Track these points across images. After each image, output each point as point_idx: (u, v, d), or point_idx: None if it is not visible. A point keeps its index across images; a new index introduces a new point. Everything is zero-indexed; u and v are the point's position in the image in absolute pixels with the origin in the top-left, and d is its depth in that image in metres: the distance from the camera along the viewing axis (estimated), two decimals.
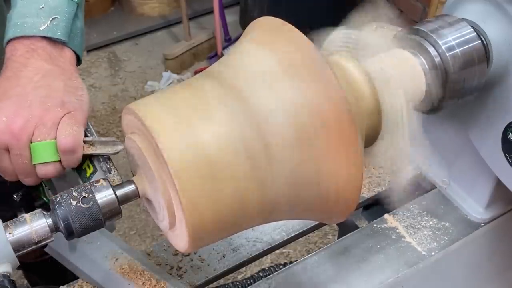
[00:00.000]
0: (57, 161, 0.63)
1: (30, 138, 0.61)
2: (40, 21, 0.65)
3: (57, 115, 0.62)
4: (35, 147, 0.61)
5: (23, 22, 0.65)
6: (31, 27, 0.65)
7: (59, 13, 0.67)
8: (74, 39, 0.69)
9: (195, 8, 3.03)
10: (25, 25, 0.65)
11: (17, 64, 0.64)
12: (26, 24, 0.65)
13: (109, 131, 2.48)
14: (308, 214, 0.62)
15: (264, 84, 0.55)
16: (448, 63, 0.66)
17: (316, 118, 0.53)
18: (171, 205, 0.55)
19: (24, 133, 0.61)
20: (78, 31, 0.70)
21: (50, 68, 0.65)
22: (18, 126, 0.60)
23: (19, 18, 0.66)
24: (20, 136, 0.61)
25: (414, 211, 0.89)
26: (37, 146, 0.61)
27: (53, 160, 0.62)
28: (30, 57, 0.64)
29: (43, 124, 0.61)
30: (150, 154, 0.55)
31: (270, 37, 0.58)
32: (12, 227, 0.56)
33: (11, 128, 0.60)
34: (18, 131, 0.60)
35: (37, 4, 0.66)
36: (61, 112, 0.62)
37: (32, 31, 0.65)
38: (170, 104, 0.55)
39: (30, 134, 0.61)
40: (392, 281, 0.80)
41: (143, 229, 2.10)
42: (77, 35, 0.69)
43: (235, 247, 0.87)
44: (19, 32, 0.65)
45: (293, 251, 1.97)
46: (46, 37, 0.65)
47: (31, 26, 0.65)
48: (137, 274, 0.77)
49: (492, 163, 0.77)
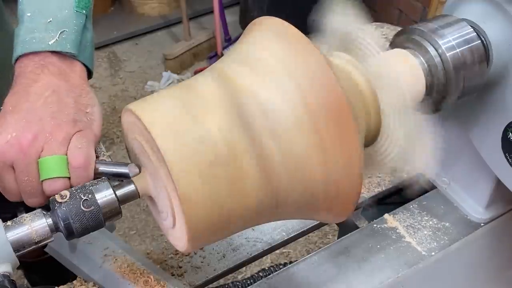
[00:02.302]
0: (67, 177, 0.59)
1: (39, 154, 0.59)
2: (48, 35, 0.64)
3: (68, 131, 0.60)
4: (45, 161, 0.58)
5: (31, 37, 0.63)
6: (40, 42, 0.63)
7: (67, 26, 0.65)
8: (84, 51, 0.67)
9: (195, 8, 3.03)
10: (34, 40, 0.63)
11: (26, 80, 0.62)
12: (34, 40, 0.63)
13: (109, 131, 2.48)
14: (308, 214, 0.62)
15: (264, 84, 0.55)
16: (448, 63, 0.66)
17: (316, 118, 0.53)
18: (172, 204, 0.55)
19: (33, 147, 0.58)
20: (88, 43, 0.68)
21: (60, 84, 0.63)
22: (27, 140, 0.58)
23: (27, 34, 0.64)
24: (29, 151, 0.58)
25: (414, 211, 0.89)
26: (47, 161, 0.58)
27: (63, 175, 0.59)
28: (41, 72, 0.62)
29: (54, 139, 0.59)
30: (151, 153, 0.55)
31: (270, 37, 0.58)
32: (12, 227, 0.56)
33: (20, 142, 0.58)
34: (27, 146, 0.58)
35: (45, 18, 0.64)
36: (73, 129, 0.60)
37: (41, 46, 0.63)
38: (169, 104, 0.55)
39: (39, 149, 0.59)
40: (392, 281, 0.80)
41: (143, 229, 2.10)
42: (87, 47, 0.68)
43: (235, 247, 0.87)
44: (28, 48, 0.63)
45: (293, 251, 1.98)
46: (56, 52, 0.63)
47: (40, 41, 0.63)
48: (137, 274, 0.77)
49: (492, 163, 0.77)
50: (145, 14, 3.09)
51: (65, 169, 0.59)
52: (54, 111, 0.60)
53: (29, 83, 0.62)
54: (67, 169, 0.59)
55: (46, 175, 0.59)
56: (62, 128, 0.60)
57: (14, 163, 0.59)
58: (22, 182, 0.59)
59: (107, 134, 2.46)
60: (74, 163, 0.59)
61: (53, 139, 0.59)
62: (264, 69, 0.55)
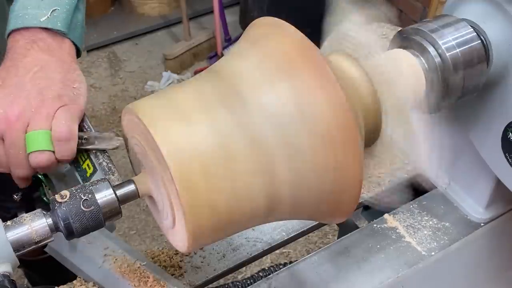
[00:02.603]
0: (51, 151, 0.63)
1: (26, 128, 0.62)
2: (41, 12, 0.66)
3: (53, 107, 0.63)
4: (30, 135, 0.62)
5: (24, 13, 0.66)
6: (32, 18, 0.66)
7: (59, 4, 0.68)
8: (74, 31, 0.70)
9: (195, 8, 3.03)
10: (26, 16, 0.66)
11: (17, 55, 0.65)
12: (27, 16, 0.66)
13: (109, 131, 2.48)
14: (308, 214, 0.62)
15: (264, 84, 0.55)
16: (448, 63, 0.66)
17: (316, 119, 0.53)
18: (172, 203, 0.55)
19: (20, 122, 0.62)
20: (79, 23, 0.71)
21: (49, 60, 0.66)
22: (14, 115, 0.62)
23: (21, 10, 0.67)
24: (16, 125, 0.62)
25: (414, 211, 0.89)
26: (32, 135, 0.62)
27: (48, 149, 0.63)
28: (30, 48, 0.65)
29: (39, 115, 0.62)
30: (152, 153, 0.55)
31: (270, 37, 0.58)
32: (12, 227, 0.56)
33: (8, 117, 0.62)
34: (14, 120, 0.61)
35: None
36: (57, 104, 0.63)
37: (33, 22, 0.66)
38: (169, 104, 0.55)
39: (26, 123, 0.62)
40: (392, 281, 0.80)
41: (143, 229, 2.10)
42: (77, 27, 0.70)
43: (235, 247, 0.87)
44: (20, 23, 0.66)
45: (293, 251, 1.98)
46: (47, 28, 0.66)
47: (32, 17, 0.66)
48: (136, 274, 0.77)
49: (492, 163, 0.77)
50: (145, 14, 3.09)
51: (49, 143, 0.63)
52: (41, 87, 0.63)
53: (19, 57, 0.65)
54: (51, 143, 0.63)
55: (32, 148, 0.62)
56: (47, 103, 0.63)
57: (3, 136, 0.62)
58: (10, 154, 0.63)
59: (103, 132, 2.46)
60: (57, 136, 0.62)
61: (38, 114, 0.62)
62: (264, 70, 0.55)
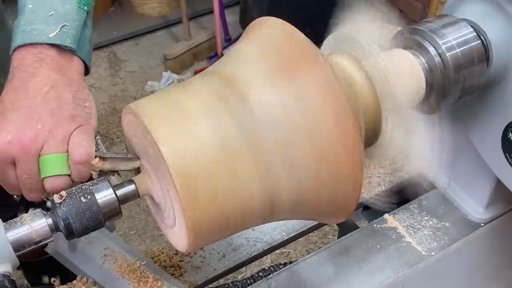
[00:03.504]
0: (68, 174, 0.60)
1: (39, 152, 0.59)
2: (49, 28, 0.63)
3: (67, 128, 0.60)
4: (45, 160, 0.59)
5: (31, 29, 0.63)
6: (40, 34, 0.63)
7: (68, 20, 0.65)
8: (83, 48, 0.67)
9: (195, 8, 3.03)
10: (34, 32, 0.63)
11: (24, 74, 0.62)
12: (35, 31, 0.63)
13: (109, 131, 2.48)
14: (308, 214, 0.62)
15: (264, 84, 0.55)
16: (448, 63, 0.66)
17: (316, 119, 0.53)
18: (172, 203, 0.55)
19: (34, 145, 0.59)
20: (87, 39, 0.68)
21: (58, 78, 0.62)
22: (28, 138, 0.58)
23: (27, 25, 0.64)
24: (30, 149, 0.58)
25: (414, 211, 0.89)
26: (47, 159, 0.59)
27: (64, 173, 0.60)
28: (39, 66, 0.62)
29: (54, 137, 0.59)
30: (152, 153, 0.55)
31: (270, 37, 0.58)
32: (12, 227, 0.56)
33: (21, 140, 0.58)
34: (28, 144, 0.58)
35: (46, 11, 0.64)
36: (72, 126, 0.61)
37: (41, 38, 0.63)
38: (169, 104, 0.55)
39: (40, 147, 0.59)
40: (392, 281, 0.80)
41: (143, 229, 2.10)
42: (85, 44, 0.68)
43: (235, 247, 0.87)
44: (28, 39, 0.63)
45: (293, 251, 1.97)
46: (55, 45, 0.63)
47: (40, 33, 0.63)
48: (136, 274, 0.77)
49: (492, 163, 0.77)
50: (145, 14, 3.09)
51: (65, 167, 0.60)
52: (53, 108, 0.61)
53: (27, 77, 0.62)
54: (67, 167, 0.60)
55: (47, 173, 0.59)
56: (62, 125, 0.60)
57: (15, 160, 0.59)
58: (22, 178, 0.60)
59: (107, 134, 2.46)
60: (76, 159, 0.60)
61: (53, 137, 0.59)
62: (264, 71, 0.55)
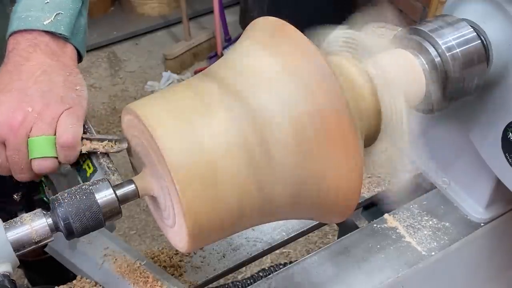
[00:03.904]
0: (55, 156, 0.62)
1: (28, 133, 0.61)
2: (44, 15, 0.65)
3: (56, 111, 0.62)
4: (33, 141, 0.61)
5: (27, 15, 0.65)
6: (35, 21, 0.65)
7: (63, 8, 0.67)
8: (76, 36, 0.69)
9: (195, 8, 3.03)
10: (30, 18, 0.65)
11: (19, 58, 0.64)
12: (30, 18, 0.65)
13: (109, 131, 2.48)
14: (308, 214, 0.62)
15: (264, 85, 0.55)
16: (448, 63, 0.66)
17: (316, 119, 0.53)
18: (172, 203, 0.55)
19: (23, 127, 0.60)
20: (81, 28, 0.70)
21: (51, 63, 0.65)
22: (17, 120, 0.60)
23: (23, 11, 0.66)
24: (19, 131, 0.60)
25: (414, 211, 0.89)
26: (35, 141, 0.61)
27: (51, 155, 0.62)
28: (33, 51, 0.64)
29: (42, 119, 0.61)
30: (152, 153, 0.55)
31: (270, 38, 0.58)
32: (12, 226, 0.56)
33: (10, 122, 0.60)
34: (17, 126, 0.60)
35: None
36: (60, 108, 0.62)
37: (36, 24, 0.65)
38: (170, 104, 0.55)
39: (29, 129, 0.61)
40: (392, 281, 0.80)
41: (143, 229, 2.10)
42: (80, 32, 0.69)
43: (235, 247, 0.87)
44: (23, 25, 0.65)
45: (293, 251, 1.97)
46: (49, 32, 0.65)
47: (35, 20, 0.65)
48: (136, 274, 0.77)
49: (492, 163, 0.77)
50: (145, 14, 3.09)
51: (52, 149, 0.62)
52: (44, 91, 0.62)
53: (21, 61, 0.64)
54: (54, 149, 0.62)
55: (35, 154, 0.61)
56: (51, 107, 0.62)
57: (5, 141, 0.61)
58: (12, 159, 0.62)
59: (107, 134, 2.46)
60: (62, 142, 0.61)
61: (42, 119, 0.61)
62: (263, 72, 0.55)
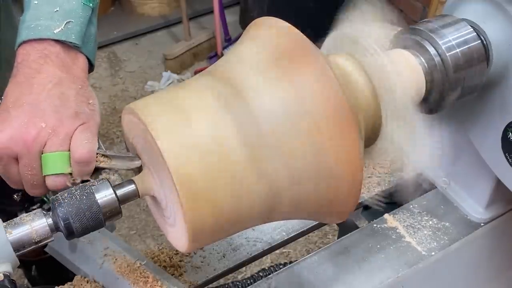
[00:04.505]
0: (69, 173, 0.61)
1: (42, 149, 0.59)
2: (54, 24, 0.63)
3: (71, 127, 0.60)
4: (47, 157, 0.59)
5: (37, 24, 0.63)
6: (45, 29, 0.63)
7: (73, 17, 0.65)
8: (87, 44, 0.67)
9: (195, 8, 3.03)
10: (39, 27, 0.63)
11: (29, 70, 0.62)
12: (40, 27, 0.63)
13: (109, 131, 2.48)
14: (308, 214, 0.62)
15: (264, 83, 0.55)
16: (448, 63, 0.66)
17: (316, 118, 0.53)
18: (172, 203, 0.55)
19: (36, 143, 0.59)
20: (92, 37, 0.68)
21: (62, 76, 0.63)
22: (31, 136, 0.59)
23: (32, 21, 0.64)
24: (32, 146, 0.59)
25: (414, 211, 0.89)
26: (49, 157, 0.59)
27: (65, 171, 0.60)
28: (44, 63, 0.62)
29: (56, 135, 0.59)
30: (152, 153, 0.55)
31: (270, 37, 0.58)
32: (12, 226, 0.56)
33: (24, 138, 0.59)
34: (31, 142, 0.59)
35: (52, 7, 0.64)
36: (75, 123, 0.61)
37: (46, 33, 0.63)
38: (170, 104, 0.55)
39: (42, 145, 0.59)
40: (392, 281, 0.80)
41: (143, 229, 2.10)
42: (90, 41, 0.67)
43: (235, 247, 0.87)
44: (32, 34, 0.63)
45: (293, 251, 1.97)
46: (60, 41, 0.63)
47: (45, 28, 0.63)
48: (136, 274, 0.77)
49: (492, 163, 0.77)
50: (145, 14, 3.09)
51: (67, 165, 0.60)
52: (57, 105, 0.61)
53: (32, 73, 0.62)
54: (69, 165, 0.60)
55: (49, 171, 0.60)
56: (64, 123, 0.60)
57: (18, 157, 0.60)
58: (25, 174, 0.60)
59: (107, 134, 2.46)
60: (77, 158, 0.60)
61: (56, 135, 0.60)
62: (263, 72, 0.55)
